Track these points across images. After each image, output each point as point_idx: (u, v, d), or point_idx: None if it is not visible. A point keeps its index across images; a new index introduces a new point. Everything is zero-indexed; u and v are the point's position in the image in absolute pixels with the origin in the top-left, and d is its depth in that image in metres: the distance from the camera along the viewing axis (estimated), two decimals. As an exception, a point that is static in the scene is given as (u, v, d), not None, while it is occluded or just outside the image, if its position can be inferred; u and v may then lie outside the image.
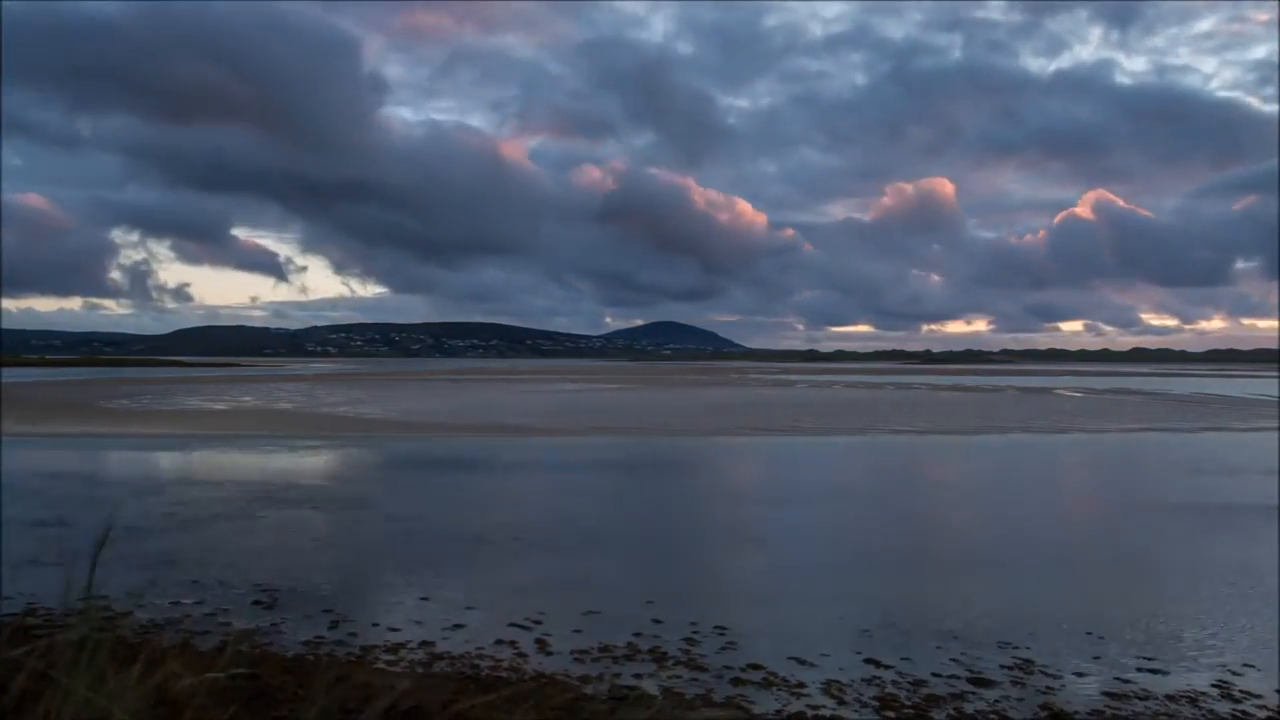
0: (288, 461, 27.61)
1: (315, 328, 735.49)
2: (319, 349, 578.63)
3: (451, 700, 7.28)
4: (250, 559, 14.25)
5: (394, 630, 10.65)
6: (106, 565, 3.47)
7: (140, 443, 32.36)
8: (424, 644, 10.14)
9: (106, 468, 26.24)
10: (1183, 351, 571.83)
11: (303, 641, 10.18)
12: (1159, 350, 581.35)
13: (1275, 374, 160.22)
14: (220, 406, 53.69)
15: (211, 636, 10.14)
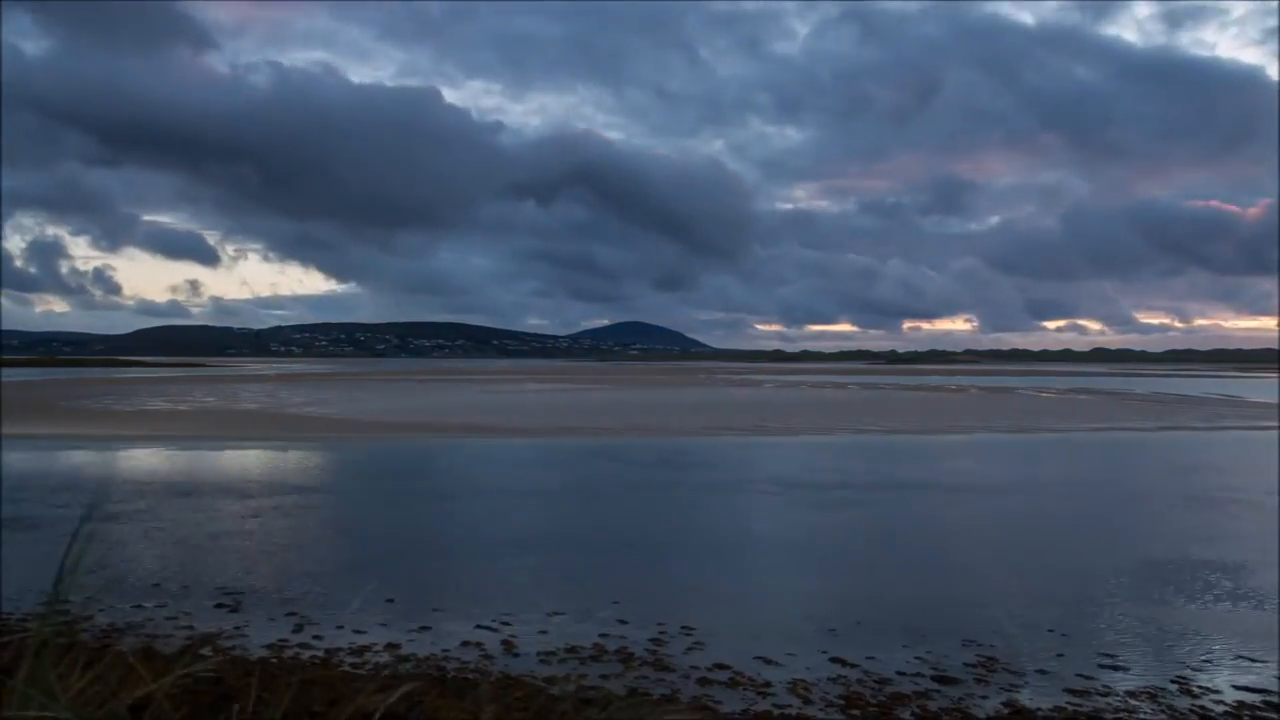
0: (252, 462, 27.36)
1: (280, 328, 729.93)
2: (283, 349, 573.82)
3: (417, 702, 7.24)
4: (213, 562, 14.11)
5: (359, 632, 10.57)
6: (65, 569, 3.42)
7: (107, 444, 31.93)
8: (389, 646, 10.09)
9: (69, 469, 25.85)
10: (1142, 351, 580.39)
11: (266, 644, 10.09)
12: (1119, 350, 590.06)
13: (1233, 373, 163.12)
14: (185, 408, 53.09)
15: (173, 640, 10.03)
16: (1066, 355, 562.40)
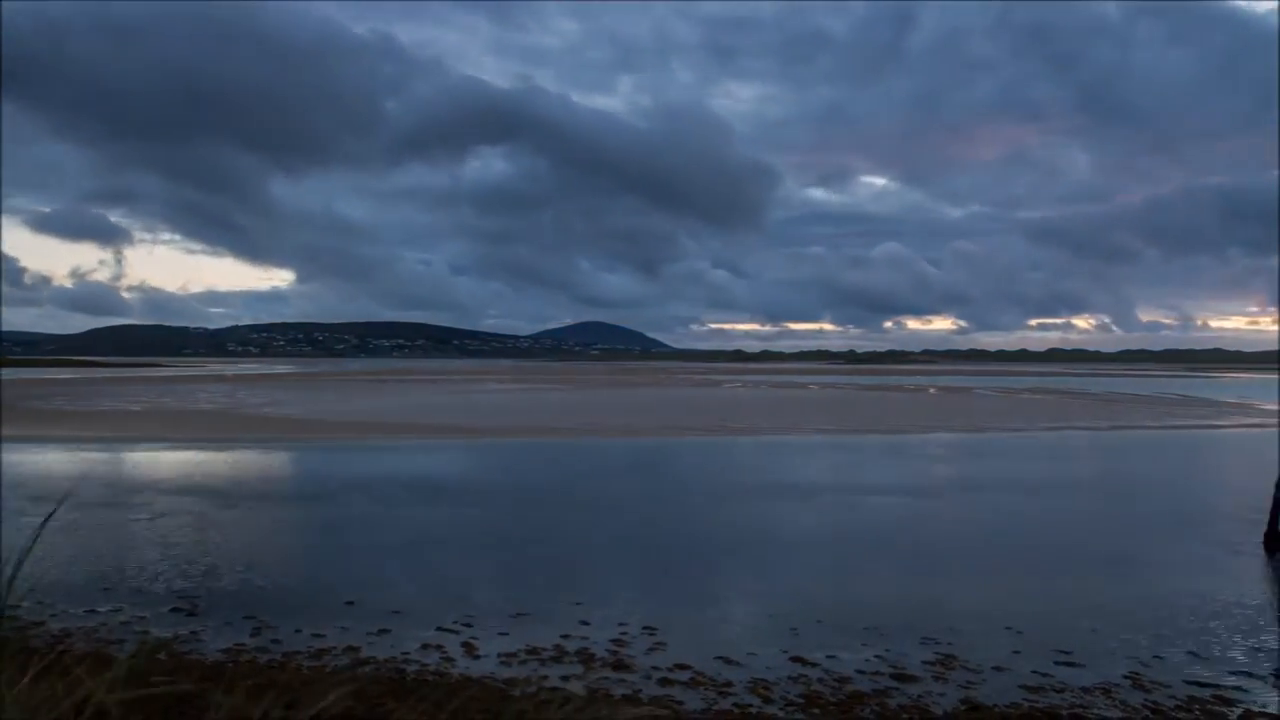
0: (212, 464, 27.00)
1: (236, 327, 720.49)
2: (240, 349, 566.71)
3: (376, 705, 7.18)
4: (170, 566, 13.91)
5: (318, 635, 10.48)
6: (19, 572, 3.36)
7: (62, 446, 31.37)
8: (349, 649, 10.01)
9: (23, 471, 25.37)
10: (1096, 351, 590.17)
11: (223, 649, 9.97)
12: (1074, 350, 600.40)
13: (1186, 373, 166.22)
14: (137, 408, 52.31)
15: (128, 645, 9.87)
16: (1023, 355, 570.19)
